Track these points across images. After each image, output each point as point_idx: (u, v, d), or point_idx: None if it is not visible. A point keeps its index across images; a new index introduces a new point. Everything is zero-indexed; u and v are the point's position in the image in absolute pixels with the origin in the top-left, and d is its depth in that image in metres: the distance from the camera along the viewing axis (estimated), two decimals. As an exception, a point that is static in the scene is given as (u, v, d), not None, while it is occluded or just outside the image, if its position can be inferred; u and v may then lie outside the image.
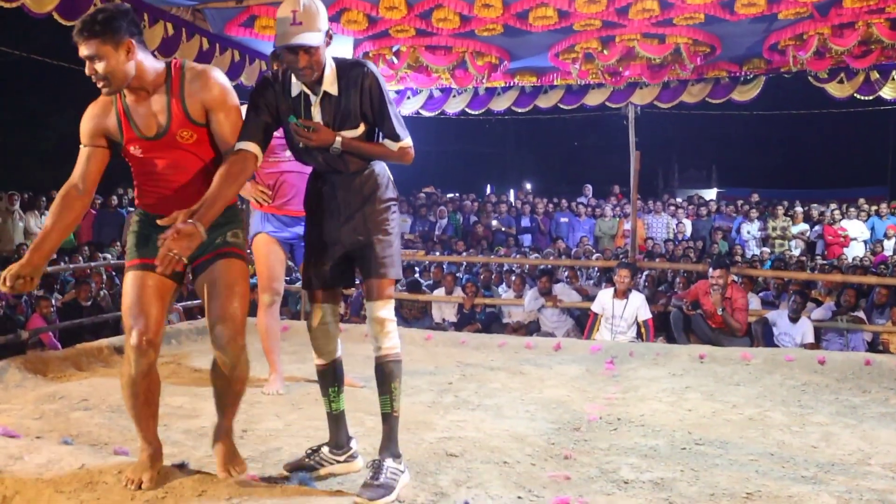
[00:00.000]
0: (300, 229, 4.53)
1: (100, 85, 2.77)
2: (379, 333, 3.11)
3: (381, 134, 3.12)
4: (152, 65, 2.86)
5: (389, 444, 3.06)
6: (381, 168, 3.21)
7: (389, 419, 3.09)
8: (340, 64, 3.09)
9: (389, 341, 3.11)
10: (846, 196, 15.64)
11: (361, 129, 3.07)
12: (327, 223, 3.16)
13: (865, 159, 24.87)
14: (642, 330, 7.31)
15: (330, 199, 3.15)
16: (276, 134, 4.53)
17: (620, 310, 7.37)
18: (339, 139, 3.01)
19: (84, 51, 2.73)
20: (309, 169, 3.34)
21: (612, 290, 7.54)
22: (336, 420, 3.29)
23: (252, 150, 2.98)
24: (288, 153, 4.55)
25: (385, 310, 3.12)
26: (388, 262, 3.14)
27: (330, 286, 3.22)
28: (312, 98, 3.05)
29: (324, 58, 3.01)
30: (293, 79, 3.05)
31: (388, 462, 2.99)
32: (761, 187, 18.07)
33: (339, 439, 3.29)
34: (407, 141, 3.13)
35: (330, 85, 3.04)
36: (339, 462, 3.29)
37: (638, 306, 7.38)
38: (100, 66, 2.71)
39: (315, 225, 3.21)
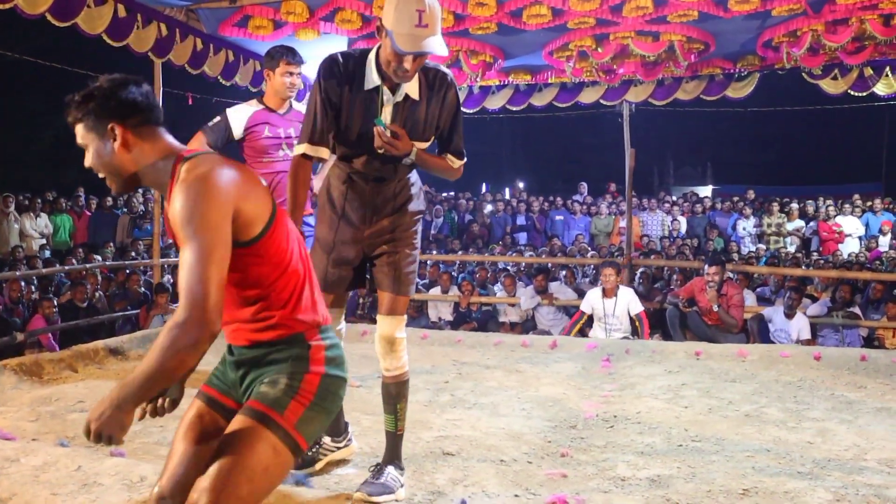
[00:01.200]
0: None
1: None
2: (391, 353, 3.02)
3: (441, 147, 3.06)
4: (155, 158, 1.98)
5: (393, 457, 3.05)
6: (416, 178, 3.13)
7: (393, 437, 3.06)
8: (425, 68, 2.90)
9: (400, 361, 3.03)
10: (840, 192, 15.67)
11: (430, 141, 2.98)
12: (353, 227, 3.04)
13: (859, 155, 24.95)
14: (637, 324, 7.31)
15: (361, 203, 3.02)
16: (269, 134, 4.51)
17: (611, 308, 7.38)
18: (415, 149, 2.89)
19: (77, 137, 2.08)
20: None
21: (600, 289, 7.54)
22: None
23: (314, 155, 2.91)
24: (282, 153, 4.53)
25: (400, 329, 3.03)
26: (410, 278, 3.07)
27: (343, 290, 3.14)
28: (387, 96, 2.85)
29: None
30: (369, 67, 2.83)
31: (391, 469, 3.00)
32: (756, 184, 18.11)
33: (338, 427, 3.32)
34: (463, 161, 3.08)
35: (413, 89, 2.87)
36: (339, 448, 3.34)
37: (628, 301, 7.39)
38: (87, 158, 2.05)
39: (337, 227, 3.06)
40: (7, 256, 10.04)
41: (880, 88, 8.54)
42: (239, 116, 4.53)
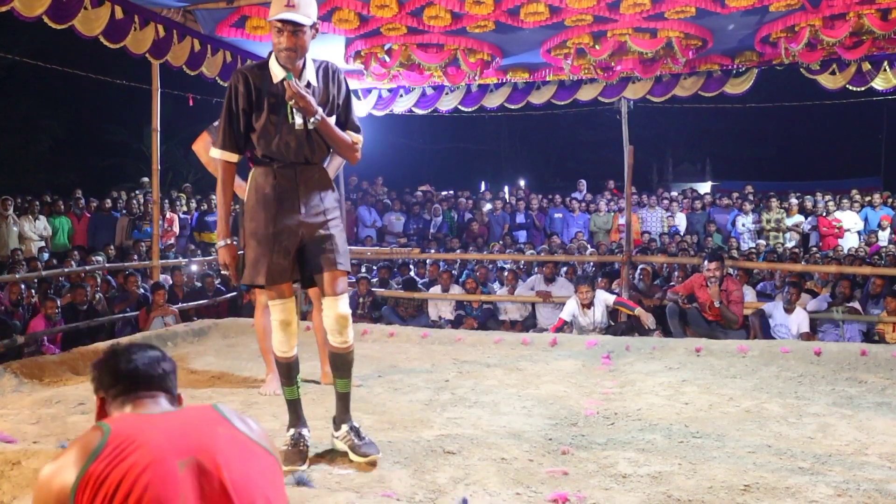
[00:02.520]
0: None
1: None
2: (344, 329, 3.37)
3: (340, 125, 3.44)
4: None
5: (347, 413, 3.46)
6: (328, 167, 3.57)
7: (347, 396, 3.49)
8: (316, 62, 3.40)
9: (350, 333, 3.42)
10: (839, 187, 15.66)
11: (333, 119, 3.38)
12: (287, 216, 3.32)
13: (858, 150, 24.96)
14: (622, 309, 7.38)
15: (291, 192, 3.33)
16: None
17: (590, 318, 7.51)
18: (320, 112, 3.28)
19: None
20: None
21: (577, 301, 7.58)
22: (299, 405, 3.53)
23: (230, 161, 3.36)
24: None
25: (346, 304, 3.40)
26: (345, 253, 3.41)
27: (290, 280, 3.41)
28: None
29: (307, 47, 3.27)
30: (273, 65, 3.29)
31: (356, 423, 3.44)
32: (755, 180, 18.13)
33: (304, 419, 3.53)
34: (361, 137, 3.50)
35: (311, 76, 3.33)
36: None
37: (603, 302, 7.51)
38: None
39: (275, 219, 3.32)
40: (6, 259, 10.04)
41: (878, 83, 8.54)
42: None
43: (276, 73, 3.28)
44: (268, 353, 4.83)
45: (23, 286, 8.15)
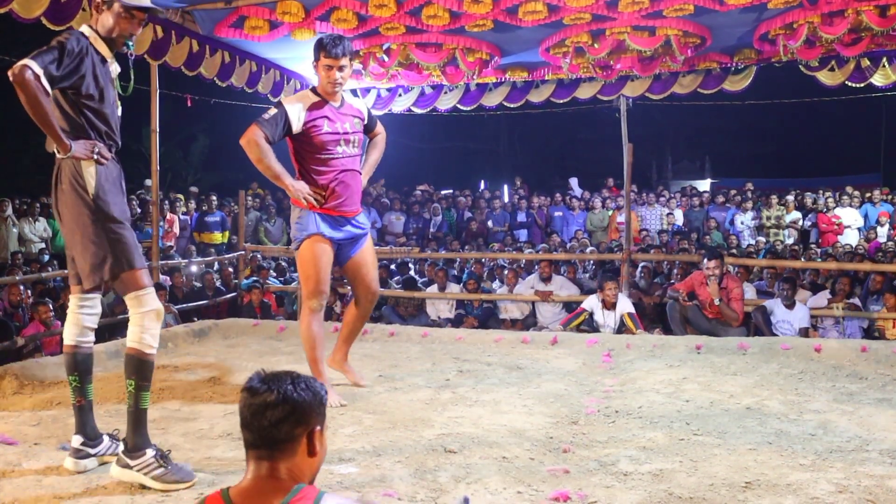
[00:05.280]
0: (351, 229, 4.54)
1: None
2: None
3: None
4: None
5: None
6: None
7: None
8: None
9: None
10: (839, 184, 15.67)
11: None
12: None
13: (857, 146, 24.94)
14: (629, 323, 7.29)
15: (119, 172, 3.34)
16: (329, 129, 4.29)
17: (610, 318, 7.44)
18: None
19: None
20: (358, 164, 4.06)
21: (601, 299, 7.54)
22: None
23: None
24: (340, 149, 4.36)
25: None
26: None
27: None
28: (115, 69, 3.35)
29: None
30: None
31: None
32: (755, 177, 18.11)
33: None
34: None
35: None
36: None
37: (622, 306, 7.45)
38: None
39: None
40: (6, 261, 10.04)
41: (877, 79, 8.54)
42: (296, 107, 4.26)
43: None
44: (318, 364, 4.52)
45: (21, 287, 8.13)
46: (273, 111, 4.23)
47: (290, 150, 4.43)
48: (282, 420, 1.77)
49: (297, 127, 4.24)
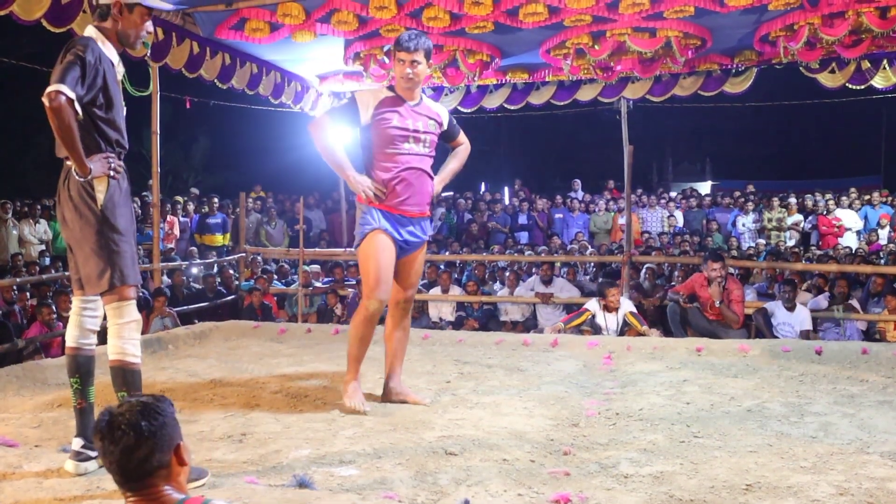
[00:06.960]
0: (413, 230, 4.35)
1: None
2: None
3: None
4: None
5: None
6: None
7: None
8: None
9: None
10: (839, 186, 15.67)
11: None
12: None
13: (858, 148, 24.94)
14: (634, 321, 7.27)
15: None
16: (398, 124, 4.19)
17: (613, 322, 7.41)
18: None
19: None
20: (426, 164, 3.96)
21: (601, 303, 7.50)
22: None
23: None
24: (407, 146, 4.23)
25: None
26: None
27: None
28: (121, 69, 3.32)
29: None
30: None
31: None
32: (756, 179, 18.11)
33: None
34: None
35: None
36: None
37: (624, 308, 7.43)
38: None
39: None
40: (6, 263, 10.04)
41: (878, 81, 8.55)
42: (367, 100, 4.20)
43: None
44: (356, 363, 4.37)
45: (16, 289, 8.11)
46: (344, 102, 4.24)
47: (360, 143, 4.34)
48: (149, 455, 1.81)
49: (365, 118, 4.18)
